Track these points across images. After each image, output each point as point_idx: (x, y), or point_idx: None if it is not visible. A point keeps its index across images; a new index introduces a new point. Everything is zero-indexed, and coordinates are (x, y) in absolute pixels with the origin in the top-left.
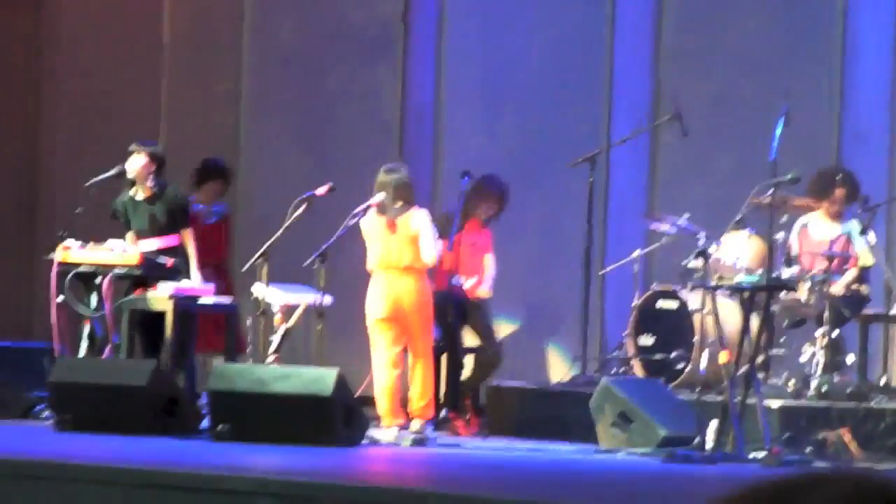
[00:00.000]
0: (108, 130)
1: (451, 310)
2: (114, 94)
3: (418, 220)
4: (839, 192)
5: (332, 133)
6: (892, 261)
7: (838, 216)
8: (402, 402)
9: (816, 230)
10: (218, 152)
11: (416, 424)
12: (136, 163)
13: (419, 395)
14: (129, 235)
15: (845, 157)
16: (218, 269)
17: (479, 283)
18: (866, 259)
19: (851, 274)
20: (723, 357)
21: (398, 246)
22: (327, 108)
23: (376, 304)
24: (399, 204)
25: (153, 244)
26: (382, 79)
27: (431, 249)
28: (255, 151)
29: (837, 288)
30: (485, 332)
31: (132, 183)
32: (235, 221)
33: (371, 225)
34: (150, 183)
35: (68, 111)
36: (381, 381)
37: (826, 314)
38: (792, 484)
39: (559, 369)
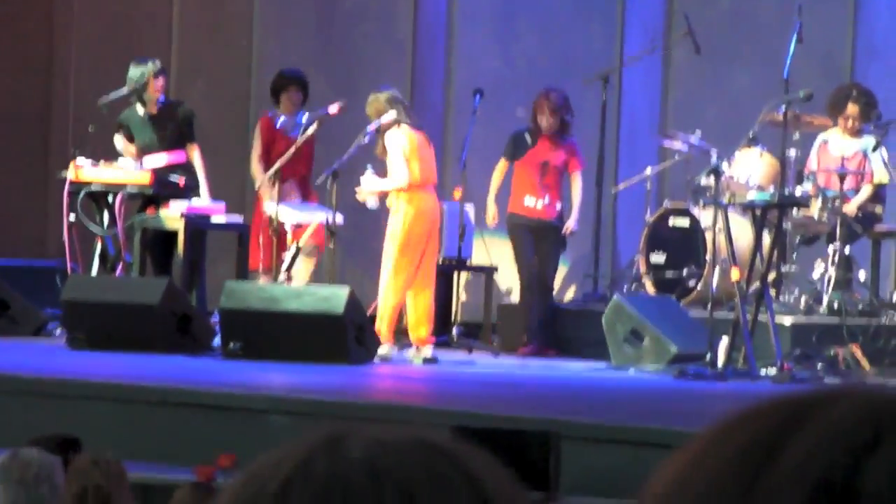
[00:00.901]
0: (121, 50)
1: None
2: (126, 14)
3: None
4: (852, 109)
5: (344, 53)
6: None
7: (855, 132)
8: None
9: (836, 146)
10: (230, 74)
11: (428, 350)
12: (157, 83)
13: (428, 320)
14: (129, 148)
15: (859, 74)
16: (303, 181)
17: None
18: (882, 176)
19: (866, 191)
20: (734, 274)
21: (433, 163)
22: (340, 29)
23: (425, 223)
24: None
25: (160, 159)
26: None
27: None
28: (267, 73)
29: (851, 206)
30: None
31: (140, 98)
32: (248, 140)
33: (410, 140)
34: (159, 98)
35: (81, 31)
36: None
37: (838, 231)
38: (803, 400)
39: (567, 285)
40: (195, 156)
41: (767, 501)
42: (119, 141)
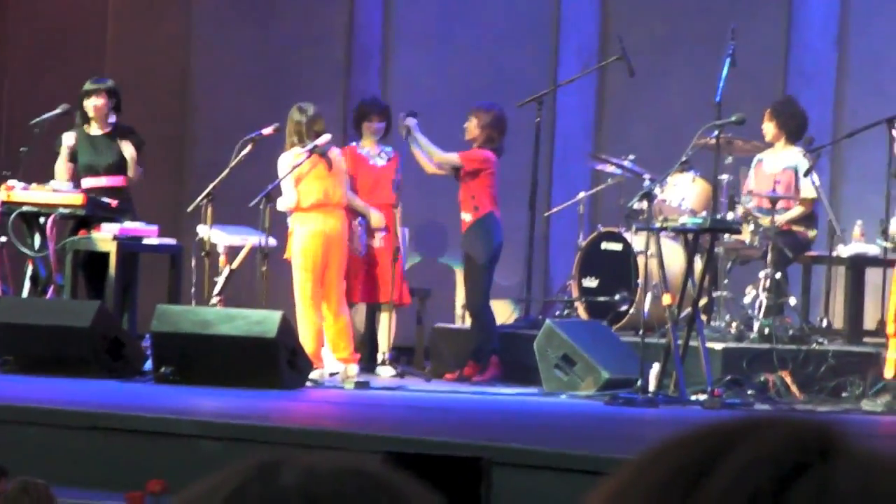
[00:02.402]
0: (55, 71)
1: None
2: (60, 35)
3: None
4: (766, 126)
5: (280, 74)
6: (836, 204)
7: (783, 147)
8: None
9: (768, 165)
10: (166, 94)
11: (353, 369)
12: (96, 102)
13: (345, 339)
14: (62, 170)
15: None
16: (389, 210)
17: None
18: (808, 192)
19: (797, 210)
20: (666, 299)
21: (334, 183)
22: (275, 50)
23: (318, 243)
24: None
25: (102, 182)
26: (332, 20)
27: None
28: (203, 93)
29: (781, 219)
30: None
31: (84, 119)
32: (184, 162)
33: (299, 161)
34: (110, 119)
35: (15, 52)
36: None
37: (769, 256)
38: (731, 427)
39: (502, 311)
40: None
41: None
42: (61, 162)
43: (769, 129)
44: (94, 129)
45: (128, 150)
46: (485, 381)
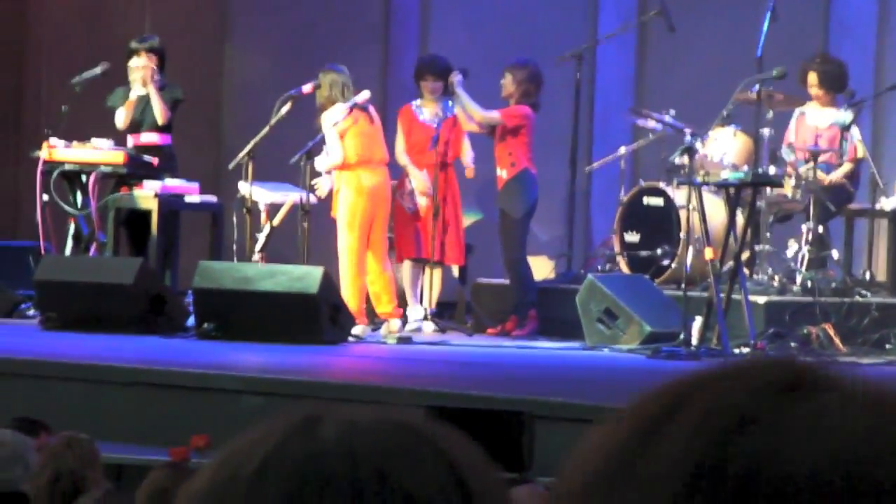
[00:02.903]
0: (93, 28)
1: None
2: None
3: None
4: (811, 78)
5: (317, 33)
6: (878, 156)
7: (827, 104)
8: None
9: (812, 118)
10: (203, 52)
11: (395, 324)
12: (137, 61)
13: (388, 294)
14: (121, 120)
15: (832, 52)
16: (446, 168)
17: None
18: (858, 150)
19: (845, 167)
20: (708, 253)
21: (376, 139)
22: (312, 12)
23: (366, 200)
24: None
25: (144, 139)
26: None
27: None
28: (239, 52)
29: (831, 176)
30: None
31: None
32: (222, 121)
33: (344, 118)
34: (156, 77)
35: (53, 10)
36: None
37: (811, 209)
38: (692, 381)
39: (543, 266)
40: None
41: (644, 488)
42: (120, 114)
43: (818, 94)
44: (138, 89)
45: (155, 100)
46: (524, 335)
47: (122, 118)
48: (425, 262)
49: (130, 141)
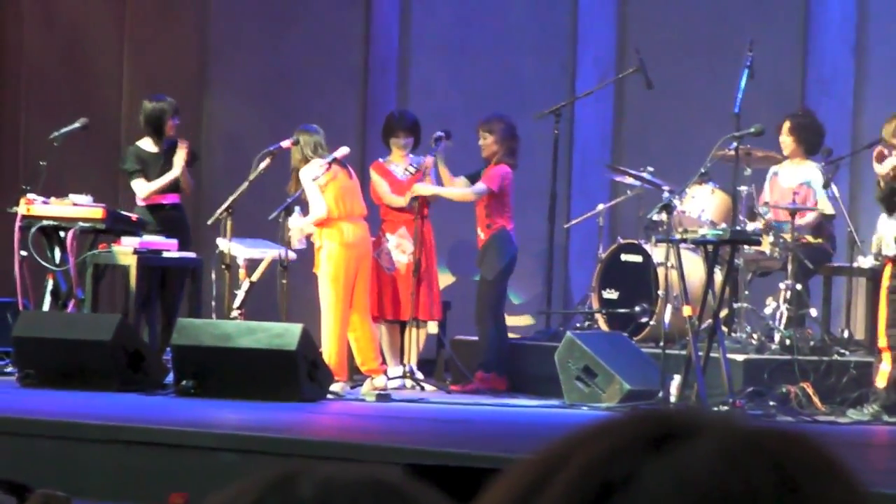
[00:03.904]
0: (72, 81)
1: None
2: (77, 44)
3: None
4: (784, 126)
5: (297, 83)
6: (855, 214)
7: (800, 158)
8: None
9: (784, 178)
10: (182, 102)
11: (381, 380)
12: (173, 122)
13: (372, 350)
14: (142, 184)
15: (811, 106)
16: (423, 223)
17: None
18: (825, 207)
19: (811, 216)
20: (686, 311)
21: (356, 193)
22: (291, 57)
23: (350, 254)
24: None
25: (166, 199)
26: (349, 28)
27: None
28: (218, 101)
29: (803, 222)
30: None
31: (157, 133)
32: (201, 170)
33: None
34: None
35: (31, 62)
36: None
37: (790, 267)
38: (586, 434)
39: (519, 322)
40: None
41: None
42: (140, 184)
43: (787, 142)
44: (148, 145)
45: (179, 158)
46: (462, 391)
47: (143, 188)
48: (403, 322)
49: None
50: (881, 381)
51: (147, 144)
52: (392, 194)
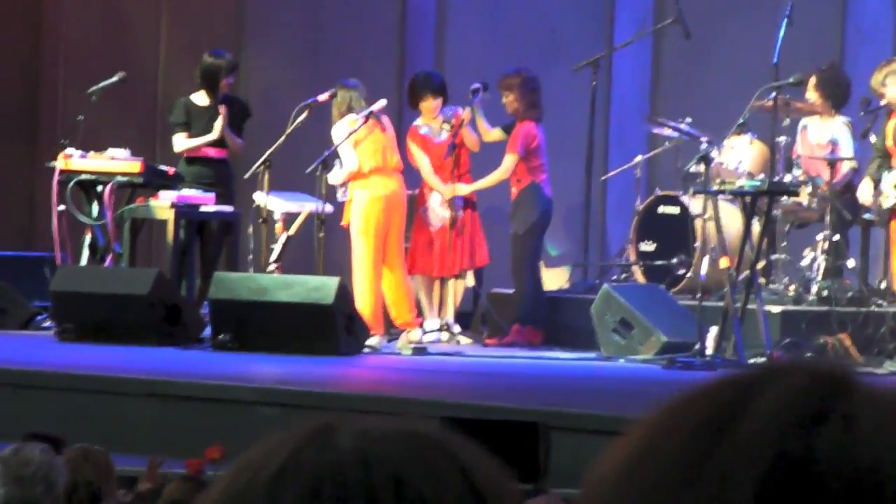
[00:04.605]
0: (109, 37)
1: None
2: (115, 2)
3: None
4: (810, 95)
5: (333, 39)
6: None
7: (827, 114)
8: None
9: (814, 133)
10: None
11: (416, 333)
12: (228, 80)
13: (407, 302)
14: (180, 139)
15: (849, 58)
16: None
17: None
18: (853, 162)
19: (843, 173)
20: (724, 262)
21: (390, 147)
22: (330, 15)
23: (380, 208)
24: None
25: (211, 153)
26: None
27: None
28: (257, 59)
29: (836, 180)
30: None
31: (212, 87)
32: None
33: (354, 127)
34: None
35: (68, 19)
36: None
37: (828, 218)
38: (749, 378)
39: (556, 275)
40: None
41: (723, 480)
42: (179, 139)
43: (813, 98)
44: (200, 99)
45: (217, 124)
46: (504, 345)
47: (182, 143)
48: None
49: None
50: None
51: (199, 98)
52: (433, 175)
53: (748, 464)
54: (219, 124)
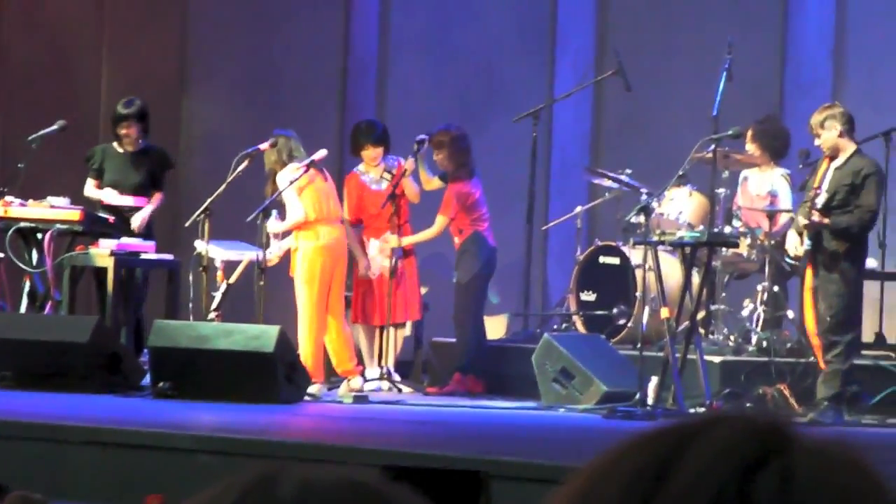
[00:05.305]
0: (50, 85)
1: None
2: (57, 46)
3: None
4: (748, 133)
5: (276, 85)
6: None
7: (767, 165)
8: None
9: (754, 184)
10: (161, 105)
11: (357, 381)
12: (128, 130)
13: (347, 351)
14: (93, 185)
15: (788, 110)
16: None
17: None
18: (790, 213)
19: (783, 223)
20: (664, 312)
21: (332, 196)
22: (271, 61)
23: (326, 257)
24: None
25: (126, 202)
26: (328, 30)
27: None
28: (198, 103)
29: (776, 229)
30: None
31: (116, 137)
32: (179, 173)
33: (300, 176)
34: (138, 142)
35: (11, 64)
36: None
37: (767, 269)
38: (687, 426)
39: (495, 323)
40: (158, 199)
41: None
42: (90, 186)
43: (752, 149)
44: (124, 146)
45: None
46: (438, 393)
47: (91, 189)
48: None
49: (113, 200)
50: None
51: (117, 145)
52: (353, 230)
53: None
54: (137, 220)
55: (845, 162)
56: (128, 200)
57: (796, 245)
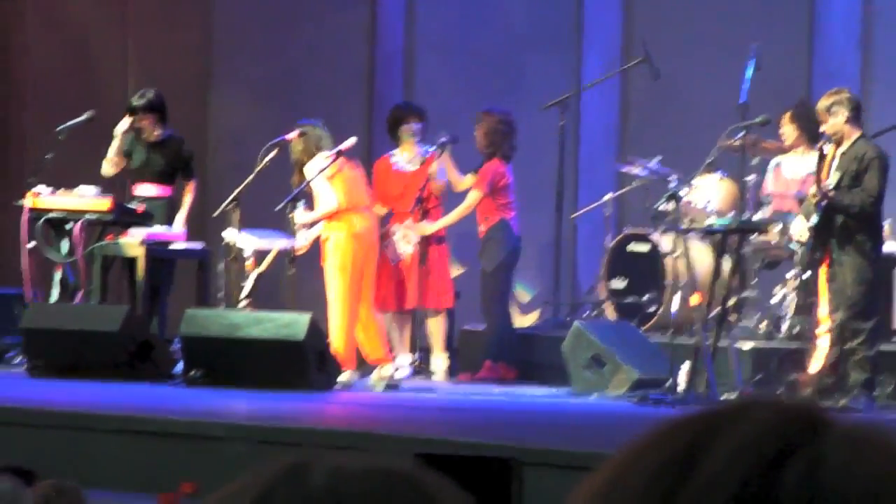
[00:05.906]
0: (78, 77)
1: None
2: (82, 41)
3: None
4: (784, 117)
5: (302, 81)
6: None
7: (804, 147)
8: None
9: (789, 169)
10: (187, 100)
11: (388, 369)
12: (141, 122)
13: (379, 339)
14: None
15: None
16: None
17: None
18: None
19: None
20: (694, 299)
21: (361, 185)
22: (297, 57)
23: (359, 246)
24: None
25: (149, 190)
26: (353, 26)
27: None
28: (223, 98)
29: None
30: None
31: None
32: (206, 167)
33: (330, 165)
34: (156, 132)
35: (38, 59)
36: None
37: (797, 255)
38: (714, 415)
39: (528, 318)
40: (191, 189)
41: None
42: (113, 148)
43: (789, 131)
44: (143, 137)
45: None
46: (476, 381)
47: (109, 162)
48: (408, 311)
49: (138, 189)
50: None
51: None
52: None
53: (712, 500)
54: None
55: (850, 147)
56: (150, 190)
57: (802, 231)
